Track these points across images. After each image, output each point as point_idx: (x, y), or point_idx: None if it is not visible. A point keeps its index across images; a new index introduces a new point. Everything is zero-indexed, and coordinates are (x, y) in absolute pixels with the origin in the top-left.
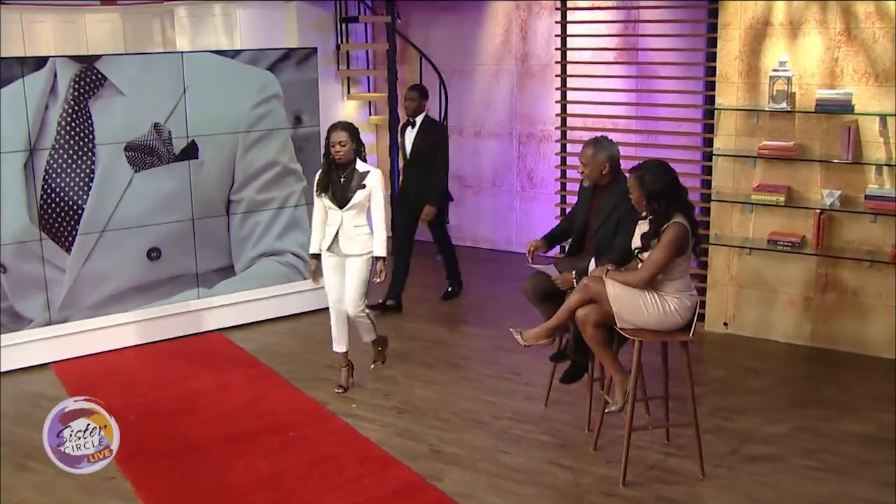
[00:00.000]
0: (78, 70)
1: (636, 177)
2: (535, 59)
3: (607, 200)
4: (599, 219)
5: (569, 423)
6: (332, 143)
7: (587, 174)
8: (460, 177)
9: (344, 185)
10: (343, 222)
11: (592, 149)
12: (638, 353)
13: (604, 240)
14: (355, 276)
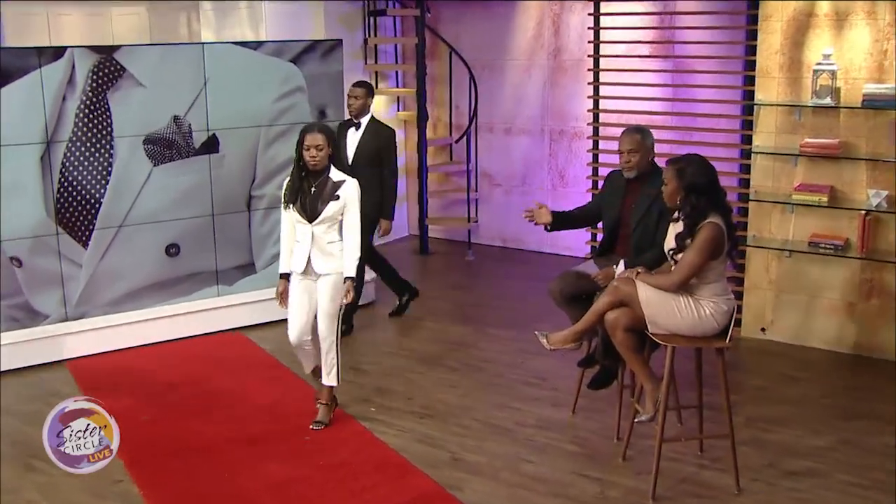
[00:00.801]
0: (96, 61)
1: (675, 168)
2: (568, 53)
3: (646, 193)
4: (637, 213)
5: (597, 431)
6: (307, 147)
7: (635, 162)
8: (489, 174)
9: (315, 196)
10: (314, 238)
11: (639, 134)
12: (670, 359)
13: (644, 235)
14: (331, 295)
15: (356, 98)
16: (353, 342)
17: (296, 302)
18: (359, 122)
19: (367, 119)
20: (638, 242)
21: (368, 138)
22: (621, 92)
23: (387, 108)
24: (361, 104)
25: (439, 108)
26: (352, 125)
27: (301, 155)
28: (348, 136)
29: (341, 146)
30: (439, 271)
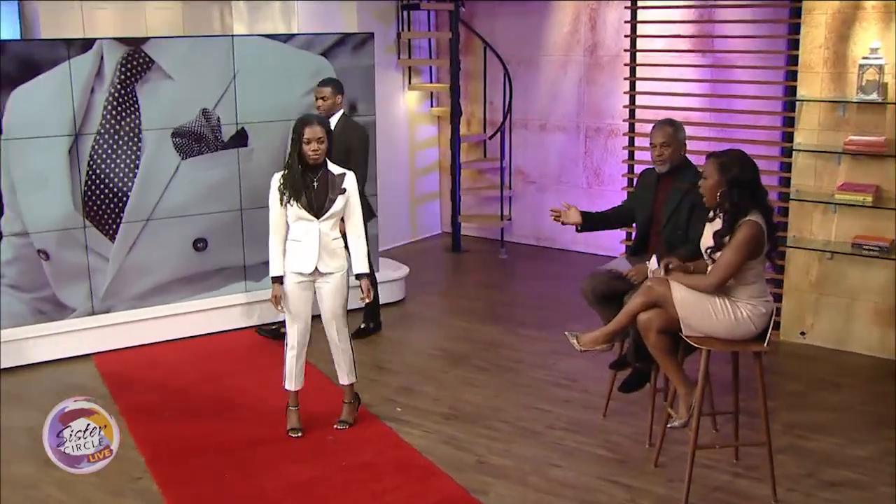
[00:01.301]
0: (125, 53)
1: (718, 162)
2: (605, 49)
3: (677, 187)
4: (668, 208)
5: (628, 436)
6: (307, 141)
7: (668, 155)
8: (523, 172)
9: (319, 191)
10: (321, 235)
11: (671, 127)
12: (705, 363)
13: (676, 230)
14: (339, 295)
15: (324, 98)
16: (381, 340)
17: (300, 305)
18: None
19: (337, 117)
20: (669, 238)
21: (338, 138)
22: (658, 88)
23: (420, 104)
24: (330, 104)
25: (473, 104)
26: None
27: (300, 149)
28: None
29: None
30: (471, 269)
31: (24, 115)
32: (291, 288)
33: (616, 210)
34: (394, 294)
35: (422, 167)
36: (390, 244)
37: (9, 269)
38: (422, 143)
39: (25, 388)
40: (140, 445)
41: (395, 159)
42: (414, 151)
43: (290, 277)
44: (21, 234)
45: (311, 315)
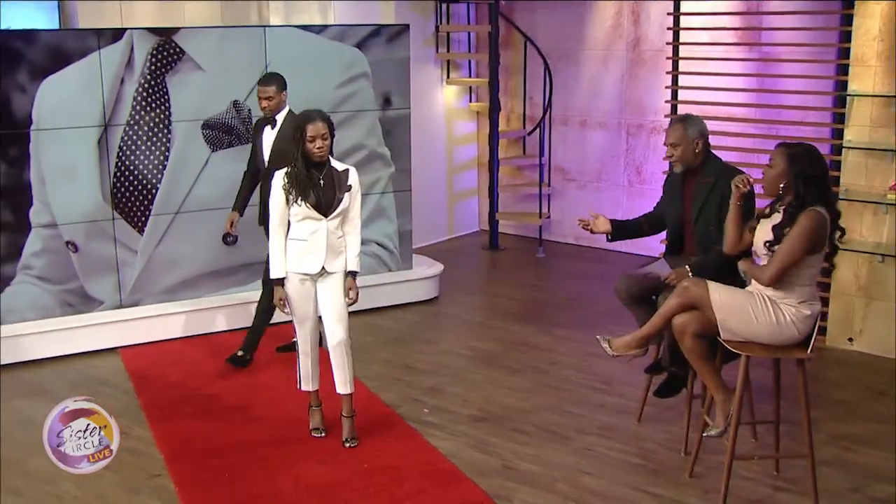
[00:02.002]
0: (155, 43)
1: (788, 152)
2: (648, 44)
3: (703, 181)
4: (697, 205)
5: (663, 443)
6: (311, 138)
7: (678, 156)
8: (563, 169)
9: (326, 188)
10: (328, 234)
11: (682, 125)
12: (744, 369)
13: (708, 226)
14: (342, 293)
15: (268, 99)
16: (411, 339)
17: (305, 305)
18: (274, 119)
19: (283, 115)
20: (701, 236)
21: (284, 136)
22: (702, 83)
23: (459, 99)
24: (276, 103)
25: (513, 99)
26: (268, 123)
27: (303, 147)
28: (264, 135)
29: (257, 147)
30: (508, 268)
31: (53, 105)
32: (295, 289)
33: (649, 217)
34: (427, 292)
35: (460, 163)
36: (426, 241)
37: (37, 260)
38: (460, 138)
39: (50, 380)
40: (160, 442)
41: (432, 155)
42: (452, 147)
43: (292, 278)
44: (50, 226)
45: (317, 314)
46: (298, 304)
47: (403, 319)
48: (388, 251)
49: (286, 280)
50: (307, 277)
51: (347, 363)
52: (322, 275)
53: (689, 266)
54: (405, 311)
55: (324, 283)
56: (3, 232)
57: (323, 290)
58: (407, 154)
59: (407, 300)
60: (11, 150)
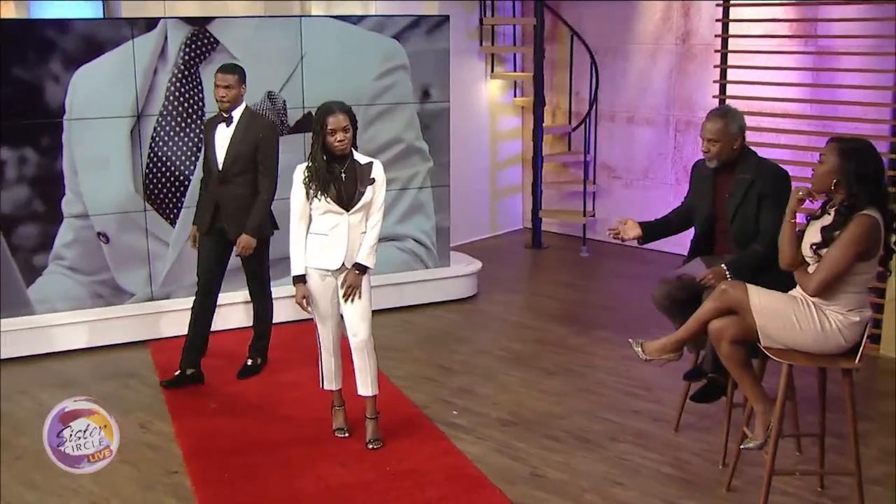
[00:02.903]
0: (189, 33)
1: (840, 147)
2: (698, 37)
3: (740, 179)
4: (734, 203)
5: (700, 454)
6: (332, 131)
7: (716, 152)
8: (609, 166)
9: (348, 182)
10: (350, 229)
11: (723, 120)
12: (786, 379)
13: (744, 226)
14: (364, 291)
15: (228, 87)
16: (445, 338)
17: (327, 303)
18: (230, 116)
19: (240, 112)
20: (738, 235)
21: (242, 135)
22: (753, 77)
23: (503, 93)
24: (235, 94)
25: (559, 94)
26: (223, 121)
27: (324, 140)
28: (217, 134)
29: (210, 148)
30: (550, 267)
31: (86, 95)
32: (316, 286)
33: (678, 212)
34: (464, 290)
35: (503, 159)
36: (467, 238)
37: (68, 251)
38: (504, 133)
39: (78, 372)
40: (180, 438)
41: (475, 150)
42: (496, 142)
43: (312, 274)
44: (81, 216)
45: (339, 311)
46: (319, 301)
47: (439, 317)
48: (426, 248)
49: (307, 276)
50: (328, 273)
51: (370, 364)
52: (343, 271)
53: (726, 265)
54: (442, 309)
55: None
56: (36, 222)
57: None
58: (446, 148)
59: (444, 298)
60: (44, 140)
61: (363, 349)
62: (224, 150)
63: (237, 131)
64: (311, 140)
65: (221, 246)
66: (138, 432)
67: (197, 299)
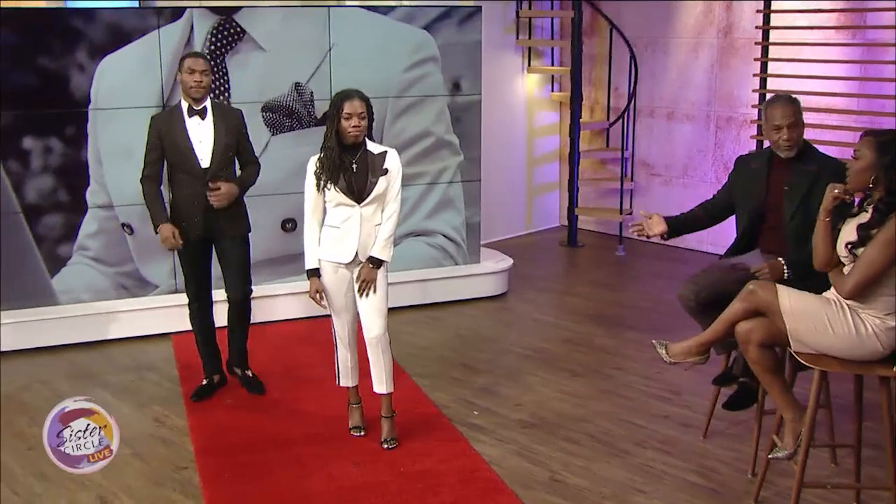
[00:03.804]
0: (216, 22)
1: (877, 140)
2: (741, 31)
3: (804, 170)
4: (795, 196)
5: (729, 462)
6: (348, 116)
7: (797, 137)
8: (647, 163)
9: (360, 172)
10: (362, 221)
11: (793, 104)
12: (817, 386)
13: (808, 221)
14: (380, 286)
15: (204, 72)
16: (471, 336)
17: (341, 297)
18: (203, 107)
19: (208, 103)
20: (797, 232)
21: (225, 128)
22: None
23: (540, 88)
24: (209, 81)
25: (597, 89)
26: (194, 113)
27: (338, 126)
28: (189, 129)
29: (181, 147)
30: (585, 266)
31: (111, 84)
32: (329, 279)
33: (708, 207)
34: (494, 287)
35: (540, 155)
36: (502, 235)
37: (93, 241)
38: (541, 129)
39: (98, 364)
40: (193, 433)
41: (511, 146)
42: (532, 138)
43: (326, 267)
44: (106, 207)
45: (355, 305)
46: (333, 295)
47: (468, 315)
48: (455, 243)
49: (321, 270)
50: (341, 266)
51: (385, 360)
52: (357, 264)
53: (785, 261)
54: (471, 306)
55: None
56: (60, 212)
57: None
58: (477, 142)
59: (473, 295)
60: (69, 130)
61: (378, 345)
62: (208, 148)
63: (217, 124)
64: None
65: (206, 250)
66: (152, 426)
67: (192, 308)
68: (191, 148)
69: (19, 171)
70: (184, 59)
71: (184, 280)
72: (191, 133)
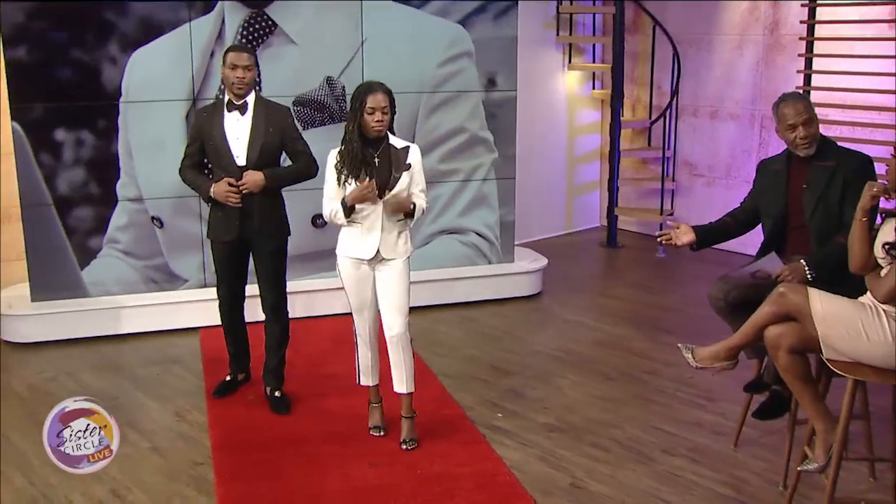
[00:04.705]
0: (247, 15)
1: None
2: (787, 28)
3: (820, 166)
4: (814, 194)
5: (760, 473)
6: (371, 110)
7: (815, 133)
8: (690, 163)
9: (382, 168)
10: (384, 217)
11: (805, 100)
12: (850, 396)
13: (828, 218)
14: (401, 283)
15: (247, 68)
16: (502, 337)
17: (363, 293)
18: (243, 102)
19: (253, 100)
20: (819, 229)
21: (265, 125)
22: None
23: (581, 86)
24: (252, 77)
25: (639, 87)
26: (234, 108)
27: (361, 120)
28: (227, 125)
29: (217, 142)
30: (624, 267)
31: (142, 77)
32: (350, 274)
33: (736, 214)
34: (529, 287)
35: (581, 154)
36: (541, 235)
37: (122, 234)
38: (582, 127)
39: (124, 356)
40: (212, 429)
41: (551, 144)
42: (573, 137)
43: (346, 263)
44: (136, 200)
45: (376, 303)
46: (355, 292)
47: (500, 315)
48: (489, 242)
49: (340, 264)
50: (362, 262)
51: (406, 360)
52: (379, 261)
53: (806, 260)
54: (504, 306)
55: (381, 272)
56: (91, 204)
57: (380, 279)
58: (512, 139)
59: (506, 295)
60: (100, 122)
61: (398, 343)
62: (244, 144)
63: (256, 121)
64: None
65: (242, 255)
66: (172, 421)
67: (221, 310)
68: (226, 144)
69: (51, 164)
70: (227, 52)
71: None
72: (228, 129)
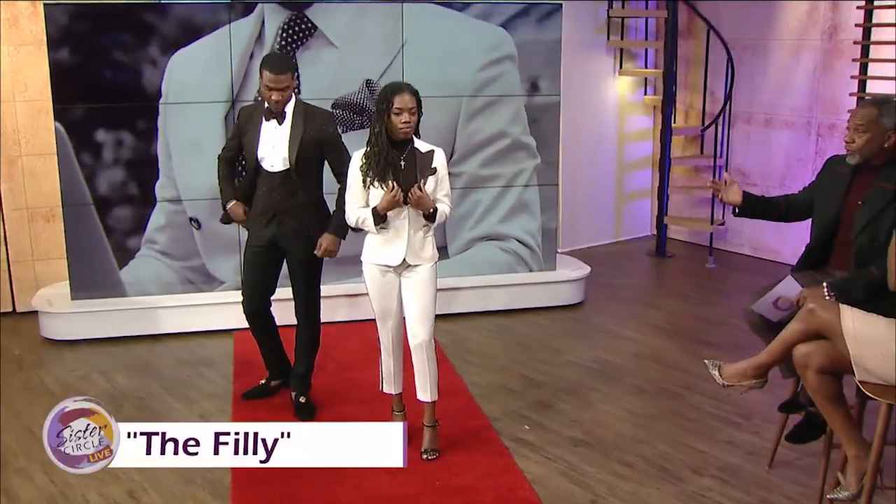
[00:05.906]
0: (287, 17)
1: None
2: (846, 32)
3: (882, 186)
4: (868, 212)
5: (793, 497)
6: (398, 111)
7: (861, 144)
8: (743, 171)
9: (408, 171)
10: (410, 222)
11: (877, 109)
12: (884, 421)
13: (872, 242)
14: (427, 290)
15: (283, 90)
16: (536, 346)
17: (387, 300)
18: (283, 111)
19: (292, 107)
20: (861, 252)
21: (301, 134)
22: None
23: (633, 91)
24: (289, 95)
25: (692, 93)
26: (272, 117)
27: (387, 122)
28: (263, 133)
29: (250, 146)
30: (671, 277)
31: (182, 79)
32: (375, 282)
33: (790, 199)
34: (570, 296)
35: (632, 161)
36: (589, 243)
37: (161, 235)
38: (633, 134)
39: (155, 356)
40: None
41: (601, 151)
42: (623, 143)
43: (372, 270)
44: (174, 201)
45: (401, 311)
46: (378, 299)
47: (536, 324)
48: (530, 249)
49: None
50: (388, 269)
51: (430, 368)
52: (405, 268)
53: (828, 285)
54: (543, 315)
55: (407, 279)
56: (130, 205)
57: (406, 286)
58: (555, 145)
59: (547, 303)
60: (140, 123)
61: (423, 351)
62: (278, 153)
63: (294, 130)
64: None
65: (275, 261)
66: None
67: (251, 322)
68: (260, 150)
69: (91, 164)
70: (263, 67)
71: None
72: (263, 137)
